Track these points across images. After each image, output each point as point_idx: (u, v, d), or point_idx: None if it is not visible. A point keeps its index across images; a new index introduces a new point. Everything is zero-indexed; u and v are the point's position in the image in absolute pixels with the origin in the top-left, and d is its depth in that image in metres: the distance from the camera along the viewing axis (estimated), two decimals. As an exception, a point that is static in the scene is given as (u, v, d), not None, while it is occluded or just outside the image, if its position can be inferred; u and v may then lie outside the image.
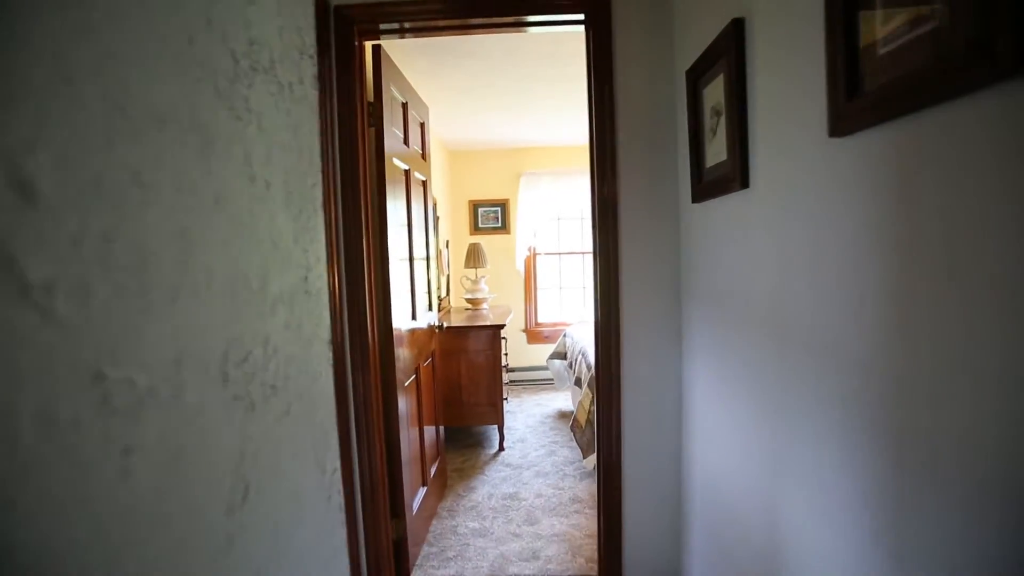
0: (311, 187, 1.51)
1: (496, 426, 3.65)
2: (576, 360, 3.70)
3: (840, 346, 0.91)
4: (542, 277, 5.53)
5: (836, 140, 0.90)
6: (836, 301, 0.92)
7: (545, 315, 5.56)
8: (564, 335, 4.49)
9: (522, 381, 5.36)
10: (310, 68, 1.53)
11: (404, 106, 2.37)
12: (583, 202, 5.26)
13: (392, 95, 2.15)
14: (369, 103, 1.95)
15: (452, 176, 5.32)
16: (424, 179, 2.73)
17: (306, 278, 1.42)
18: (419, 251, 2.59)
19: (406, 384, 2.23)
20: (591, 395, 2.97)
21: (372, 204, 1.94)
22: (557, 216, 5.49)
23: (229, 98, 1.03)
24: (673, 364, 1.93)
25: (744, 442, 1.37)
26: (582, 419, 2.98)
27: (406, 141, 2.39)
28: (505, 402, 3.70)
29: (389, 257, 2.04)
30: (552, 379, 5.14)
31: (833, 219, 0.92)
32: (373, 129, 1.99)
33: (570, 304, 5.59)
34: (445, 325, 2.89)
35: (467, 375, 3.50)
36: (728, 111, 1.35)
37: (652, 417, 1.94)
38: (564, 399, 4.78)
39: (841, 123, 0.88)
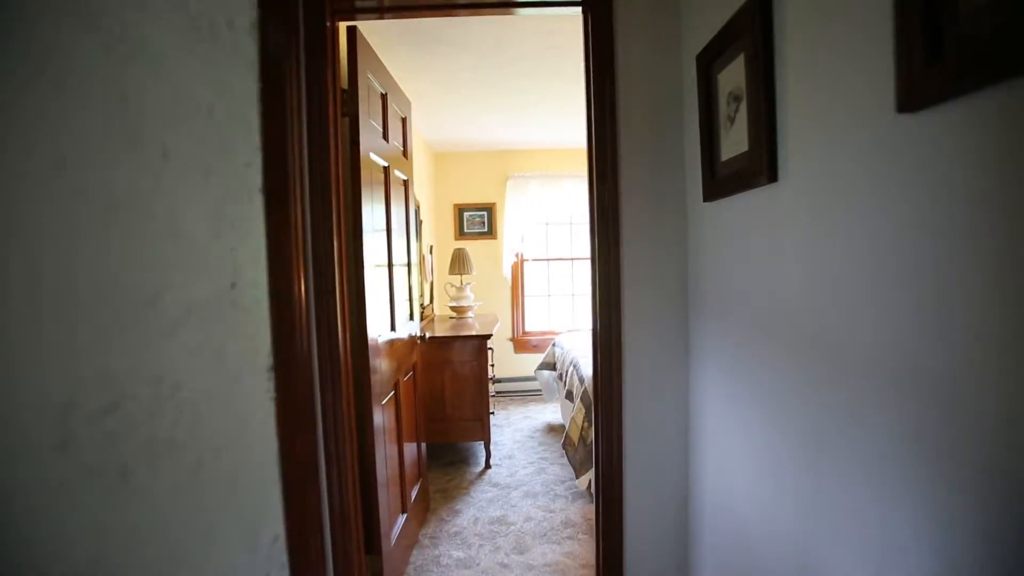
0: (244, 167, 1.18)
1: (483, 442, 3.44)
2: (567, 372, 3.51)
3: (913, 368, 0.73)
4: (530, 284, 5.35)
5: (907, 116, 0.73)
6: (908, 312, 0.74)
7: (533, 323, 5.37)
8: (553, 345, 4.31)
9: (509, 392, 5.16)
10: (248, 10, 1.19)
11: (384, 97, 2.18)
12: (573, 207, 5.11)
13: (370, 83, 1.96)
14: (343, 90, 1.76)
15: (436, 178, 5.12)
16: (405, 179, 2.54)
17: (233, 286, 1.08)
18: (399, 256, 2.39)
19: (384, 401, 2.02)
20: (584, 411, 2.78)
21: (346, 202, 1.74)
22: (545, 221, 5.32)
23: (95, 15, 0.71)
24: (679, 380, 1.76)
25: (770, 475, 1.19)
26: (575, 436, 2.79)
27: (385, 136, 2.19)
28: (492, 416, 3.50)
29: (365, 262, 1.84)
30: (540, 390, 4.95)
31: (903, 211, 0.75)
32: (347, 119, 1.79)
33: (559, 312, 5.42)
34: (428, 335, 2.69)
35: (451, 388, 3.30)
36: (750, 95, 1.19)
37: (656, 438, 1.76)
38: (553, 411, 4.59)
39: (916, 95, 0.71)
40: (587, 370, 2.97)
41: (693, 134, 1.58)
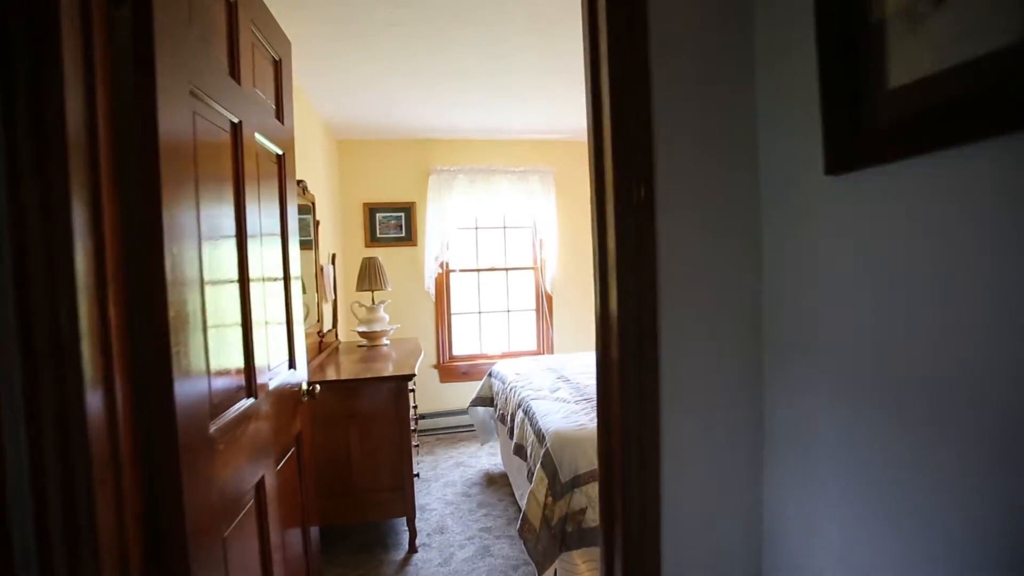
0: None
1: (405, 518, 2.57)
2: (513, 416, 2.74)
3: None
4: (457, 300, 4.53)
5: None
6: None
7: (462, 346, 4.56)
8: (490, 375, 3.53)
9: (435, 431, 4.29)
10: None
11: (231, 6, 1.29)
12: (507, 207, 4.37)
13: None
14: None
15: (341, 171, 4.17)
16: (280, 153, 1.65)
17: None
18: (270, 267, 1.50)
19: (228, 532, 1.13)
20: (547, 481, 2.02)
21: (119, 173, 0.86)
22: (475, 224, 4.54)
23: None
24: (749, 474, 1.05)
25: None
26: (535, 519, 2.02)
27: (235, 74, 1.31)
28: (416, 477, 2.64)
29: (175, 277, 0.95)
30: (473, 426, 4.16)
31: None
32: (127, 17, 0.90)
33: (492, 333, 4.64)
34: (317, 388, 1.80)
35: (360, 451, 2.40)
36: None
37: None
38: (491, 454, 3.80)
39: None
40: (552, 420, 2.22)
41: (786, 60, 0.88)
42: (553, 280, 4.51)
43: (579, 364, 3.32)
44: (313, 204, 2.91)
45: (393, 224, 4.26)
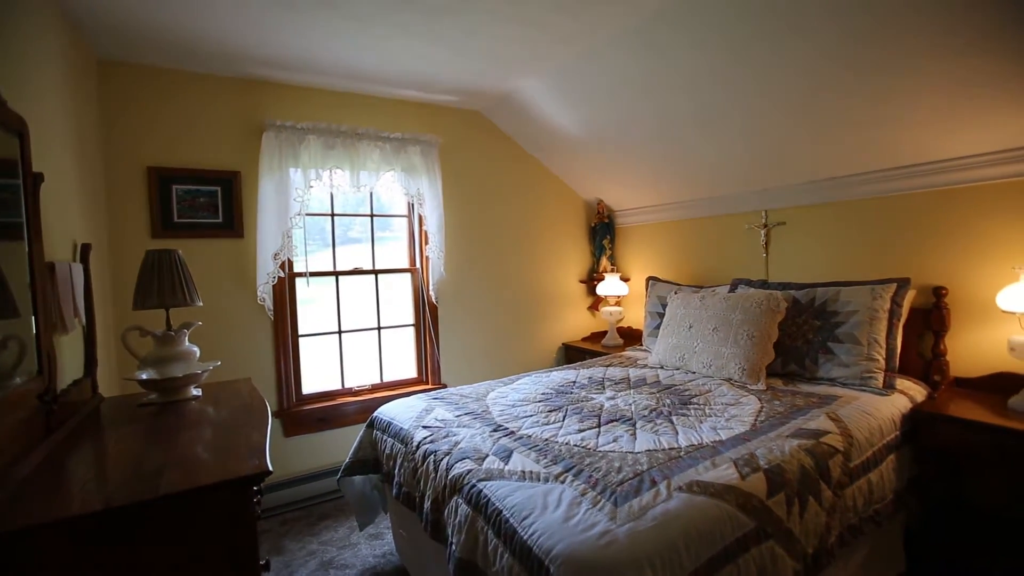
0: None
1: None
2: (440, 505, 1.65)
3: None
4: (307, 315, 3.20)
5: None
6: None
7: (315, 382, 3.23)
8: (372, 426, 2.36)
9: (281, 509, 2.91)
10: None
11: None
12: (379, 185, 3.23)
13: None
14: None
15: (105, 112, 2.58)
16: None
17: None
18: None
19: None
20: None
21: None
22: (330, 208, 3.27)
23: None
24: None
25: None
26: None
27: None
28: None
29: None
30: (339, 493, 2.96)
31: None
32: None
33: (360, 359, 3.40)
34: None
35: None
36: None
37: None
38: (372, 540, 2.60)
39: None
40: (545, 527, 1.23)
41: None
42: (439, 284, 3.47)
43: (510, 399, 2.35)
44: (23, 140, 1.45)
45: (204, 203, 2.78)
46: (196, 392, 1.87)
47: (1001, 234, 2.21)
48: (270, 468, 1.20)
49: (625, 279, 4.08)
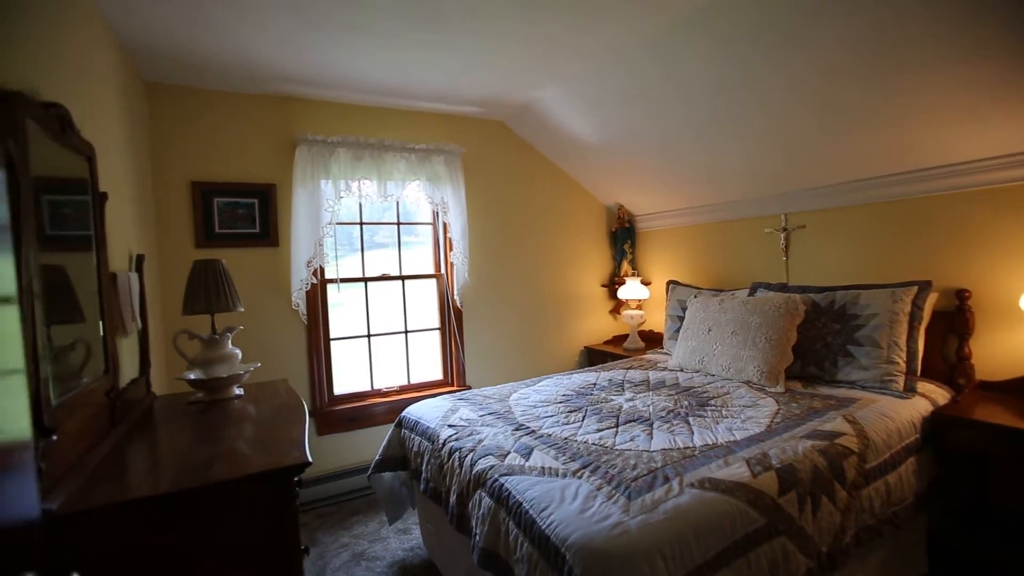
0: None
1: None
2: (465, 498, 1.75)
3: None
4: (337, 319, 3.35)
5: None
6: None
7: (345, 383, 3.38)
8: (399, 426, 2.48)
9: (314, 504, 3.06)
10: None
11: None
12: (405, 194, 3.35)
13: None
14: None
15: (153, 133, 2.78)
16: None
17: None
18: None
19: None
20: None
21: None
22: (359, 217, 3.42)
23: None
24: None
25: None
26: None
27: None
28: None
29: None
30: (371, 489, 3.09)
31: None
32: None
33: (386, 362, 3.54)
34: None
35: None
36: None
37: None
38: (400, 534, 2.72)
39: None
40: (562, 517, 1.31)
41: None
42: (463, 289, 3.58)
43: (532, 400, 2.44)
44: (92, 163, 1.62)
45: (243, 215, 2.96)
46: (239, 391, 2.01)
47: (1025, 236, 2.20)
48: (310, 459, 1.32)
49: (646, 283, 4.12)
